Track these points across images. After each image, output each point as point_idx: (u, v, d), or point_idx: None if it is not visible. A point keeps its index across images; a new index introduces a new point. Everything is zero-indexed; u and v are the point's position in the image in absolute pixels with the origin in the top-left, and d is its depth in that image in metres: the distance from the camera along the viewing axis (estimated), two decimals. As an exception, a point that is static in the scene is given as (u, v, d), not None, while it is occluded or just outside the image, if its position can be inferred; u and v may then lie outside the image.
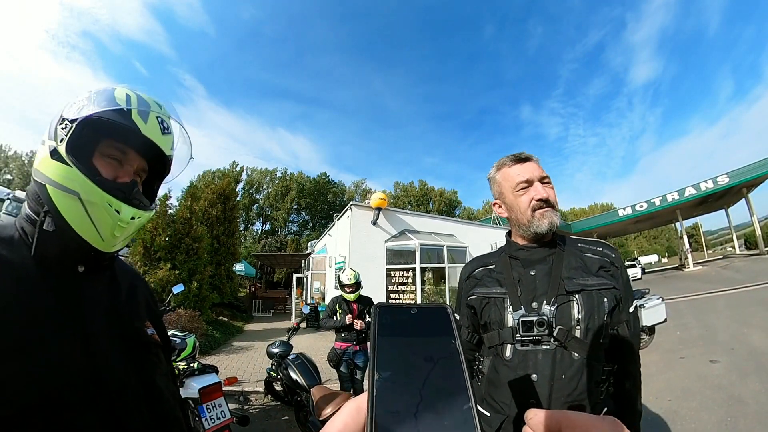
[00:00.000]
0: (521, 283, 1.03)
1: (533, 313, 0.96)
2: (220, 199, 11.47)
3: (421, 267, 9.16)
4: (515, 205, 1.08)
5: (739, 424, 3.00)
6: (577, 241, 1.11)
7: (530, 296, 0.99)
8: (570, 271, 0.99)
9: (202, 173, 36.74)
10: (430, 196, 47.18)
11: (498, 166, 1.15)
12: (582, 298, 0.95)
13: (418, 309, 0.30)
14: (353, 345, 3.74)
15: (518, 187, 1.07)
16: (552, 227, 1.02)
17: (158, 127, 0.70)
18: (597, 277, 0.98)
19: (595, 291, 0.96)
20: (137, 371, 0.67)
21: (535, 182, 1.05)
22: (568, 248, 1.06)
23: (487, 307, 1.05)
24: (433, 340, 0.27)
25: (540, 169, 1.09)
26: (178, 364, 2.97)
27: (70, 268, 0.64)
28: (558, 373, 0.92)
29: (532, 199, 1.04)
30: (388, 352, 0.26)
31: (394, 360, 0.26)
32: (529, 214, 1.04)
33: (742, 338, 5.43)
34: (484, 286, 1.10)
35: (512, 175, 1.09)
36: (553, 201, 1.05)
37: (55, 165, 0.62)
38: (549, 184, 1.08)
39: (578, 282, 0.97)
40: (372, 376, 0.24)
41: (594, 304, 0.95)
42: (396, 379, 0.24)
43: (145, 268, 7.56)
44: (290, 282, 15.45)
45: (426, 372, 0.25)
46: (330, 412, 2.57)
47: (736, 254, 22.15)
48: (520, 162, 1.10)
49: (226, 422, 2.60)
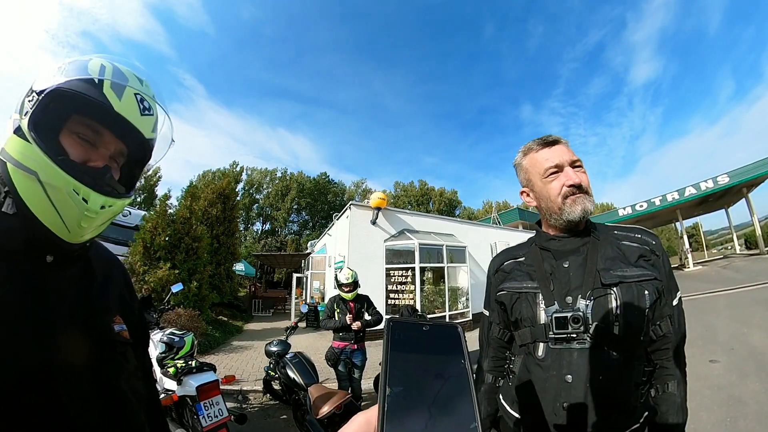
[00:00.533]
0: (554, 277, 0.95)
1: (567, 308, 0.89)
2: (220, 198, 11.48)
3: (420, 267, 9.14)
4: (545, 193, 1.00)
5: (738, 424, 2.98)
6: (613, 229, 1.02)
7: (564, 290, 0.92)
8: (606, 262, 0.91)
9: (202, 173, 36.80)
10: (430, 196, 47.16)
11: (524, 151, 1.06)
12: (620, 290, 0.87)
13: (430, 326, 0.30)
14: (351, 344, 3.74)
15: (547, 173, 0.98)
16: (585, 214, 0.95)
17: (136, 105, 0.61)
18: (637, 268, 0.90)
19: (635, 283, 0.88)
20: (96, 371, 0.60)
21: (565, 167, 0.97)
22: (603, 237, 0.98)
23: (518, 302, 0.99)
24: (443, 358, 0.28)
25: (570, 152, 1.00)
26: (177, 361, 2.96)
27: (35, 257, 0.58)
28: (595, 373, 0.84)
29: (563, 185, 0.96)
30: (400, 367, 0.27)
31: (405, 376, 0.26)
32: (559, 201, 0.96)
33: (742, 338, 5.41)
34: (514, 281, 1.03)
35: (540, 160, 1.01)
36: (586, 186, 0.97)
37: (16, 141, 0.55)
38: (581, 168, 0.99)
39: (616, 273, 0.89)
40: (383, 391, 0.25)
41: (634, 297, 0.87)
42: (406, 395, 0.25)
43: (144, 268, 7.56)
44: (290, 282, 15.45)
45: (436, 390, 0.25)
46: (327, 410, 2.56)
47: (736, 254, 22.13)
48: (548, 146, 1.01)
49: (224, 420, 2.60)
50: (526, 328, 0.96)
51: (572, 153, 1.00)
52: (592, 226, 1.01)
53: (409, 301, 8.85)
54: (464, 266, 10.44)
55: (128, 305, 0.77)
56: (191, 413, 2.64)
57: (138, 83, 0.63)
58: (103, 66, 0.60)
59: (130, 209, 12.81)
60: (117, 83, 0.60)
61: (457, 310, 9.94)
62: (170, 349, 3.14)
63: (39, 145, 0.54)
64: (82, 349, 0.59)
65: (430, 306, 9.54)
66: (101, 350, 0.63)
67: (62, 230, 0.57)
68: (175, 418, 2.86)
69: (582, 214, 0.94)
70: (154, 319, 4.07)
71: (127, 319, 0.72)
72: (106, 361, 0.63)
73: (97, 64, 0.60)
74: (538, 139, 1.04)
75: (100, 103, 0.58)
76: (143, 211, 12.85)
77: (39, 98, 0.56)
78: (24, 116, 0.56)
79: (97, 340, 0.63)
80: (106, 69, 0.60)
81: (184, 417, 2.80)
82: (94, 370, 0.60)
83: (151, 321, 4.03)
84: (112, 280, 0.73)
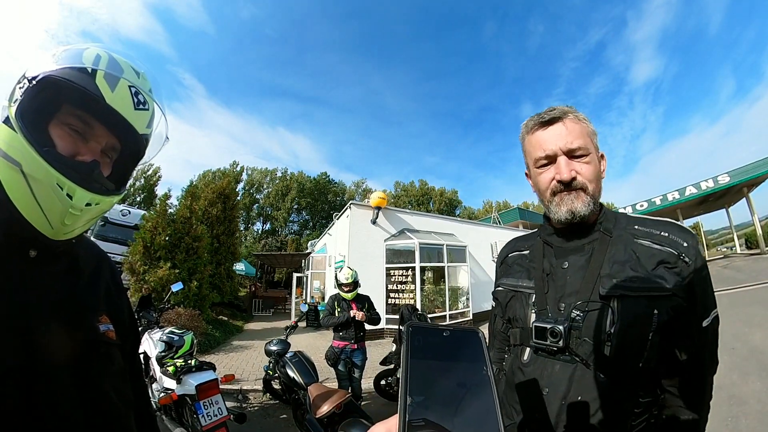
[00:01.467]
0: (551, 278, 0.84)
1: (560, 316, 0.78)
2: (221, 198, 11.48)
3: (420, 266, 9.14)
4: (536, 183, 0.88)
5: (740, 424, 2.98)
6: (635, 222, 0.83)
7: (558, 295, 0.81)
8: (613, 267, 0.76)
9: (203, 173, 36.93)
10: (430, 196, 47.17)
11: (524, 127, 0.91)
12: (620, 305, 0.72)
13: (450, 332, 0.29)
14: (351, 344, 3.73)
15: (538, 163, 0.85)
16: (572, 216, 0.80)
17: (130, 99, 0.58)
18: (651, 277, 0.73)
19: (643, 297, 0.71)
20: (77, 371, 0.57)
21: (559, 157, 0.81)
22: (618, 234, 0.81)
23: (512, 301, 0.91)
24: (465, 365, 0.27)
25: (570, 135, 0.81)
26: (176, 360, 2.96)
27: (18, 251, 0.55)
28: (574, 392, 0.74)
29: (552, 179, 0.82)
30: (420, 375, 0.26)
31: (426, 384, 0.25)
32: (548, 196, 0.84)
33: (743, 337, 5.40)
34: (511, 277, 0.95)
35: (534, 144, 0.86)
36: (584, 181, 0.80)
37: (3, 130, 0.53)
38: (583, 158, 0.81)
39: (619, 283, 0.73)
40: (404, 400, 0.24)
41: (637, 315, 0.71)
42: (428, 405, 0.24)
43: (145, 267, 7.56)
44: (290, 281, 15.46)
45: (458, 399, 0.25)
46: (327, 410, 2.55)
47: (737, 253, 22.10)
48: (543, 126, 0.84)
49: (223, 419, 2.59)
50: (517, 329, 0.88)
51: (575, 136, 0.81)
52: (608, 218, 0.85)
53: (409, 301, 8.85)
54: (464, 266, 10.43)
55: (116, 304, 0.73)
56: (191, 412, 2.64)
57: (134, 75, 0.61)
58: (99, 56, 0.57)
59: (129, 208, 12.83)
60: (111, 74, 0.57)
61: (457, 310, 9.93)
62: (170, 348, 3.14)
63: (24, 135, 0.51)
64: (63, 348, 0.56)
65: (431, 306, 9.53)
66: (84, 350, 0.60)
67: (45, 226, 0.54)
68: (175, 417, 2.86)
69: (567, 216, 0.80)
70: (155, 319, 4.07)
71: (114, 318, 0.69)
72: (88, 361, 0.60)
73: (92, 53, 0.57)
74: (537, 116, 0.87)
75: (90, 93, 0.55)
76: (143, 210, 12.85)
77: (29, 85, 0.54)
78: (13, 104, 0.54)
79: (80, 339, 0.60)
80: (101, 59, 0.57)
81: (183, 416, 2.80)
82: (76, 370, 0.57)
83: (152, 320, 4.04)
84: (100, 277, 0.70)
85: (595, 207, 0.82)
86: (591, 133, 0.86)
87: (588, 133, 0.85)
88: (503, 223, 19.77)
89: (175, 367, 2.80)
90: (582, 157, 0.81)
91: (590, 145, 0.83)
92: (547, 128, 0.84)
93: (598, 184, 0.83)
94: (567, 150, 0.81)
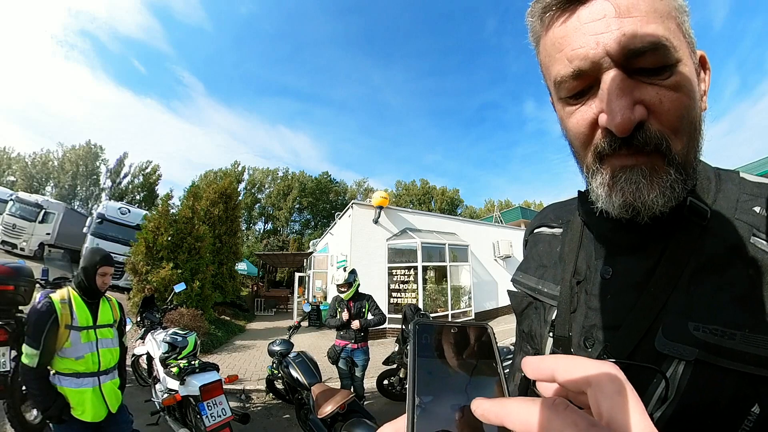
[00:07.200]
0: (584, 288, 0.52)
1: (582, 353, 0.48)
2: (222, 198, 11.51)
3: (422, 265, 9.14)
4: (565, 130, 0.47)
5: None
6: (755, 201, 0.43)
7: (589, 322, 0.49)
8: (696, 293, 0.40)
9: (204, 173, 37.03)
10: (431, 195, 47.14)
11: (534, 16, 0.46)
12: (687, 372, 0.38)
13: (458, 328, 0.28)
14: (351, 343, 3.77)
15: (563, 90, 0.43)
16: (634, 213, 0.41)
17: None
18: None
19: (738, 373, 0.36)
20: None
21: (604, 73, 0.38)
22: (720, 221, 0.43)
23: (528, 309, 0.61)
24: (474, 363, 0.26)
25: (627, 17, 0.37)
26: (180, 361, 2.97)
27: None
28: None
29: (593, 126, 0.41)
30: (428, 374, 0.25)
31: (434, 384, 0.24)
32: (588, 160, 0.43)
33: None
34: (531, 272, 0.62)
35: (552, 49, 0.43)
36: (667, 130, 0.38)
37: None
38: (662, 71, 0.38)
39: (699, 335, 0.38)
40: (412, 401, 0.23)
41: (713, 400, 0.37)
42: (437, 406, 0.23)
43: (147, 268, 7.60)
44: (292, 281, 15.49)
45: (467, 399, 0.24)
46: (330, 410, 2.56)
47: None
48: (569, 7, 0.40)
49: (227, 420, 2.60)
50: (532, 352, 0.60)
51: (638, 17, 0.37)
52: (704, 188, 0.47)
53: (411, 301, 8.85)
54: (466, 265, 10.43)
55: None
56: (194, 413, 2.65)
57: None
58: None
59: (128, 207, 12.84)
60: None
61: (459, 309, 9.93)
62: (173, 349, 3.15)
63: None
64: None
65: (433, 305, 9.54)
66: None
67: None
68: (179, 417, 2.87)
69: (623, 213, 0.42)
70: (158, 319, 4.10)
71: None
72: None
73: None
74: None
75: None
76: (143, 210, 12.88)
77: None
78: None
79: None
80: None
81: (187, 417, 2.81)
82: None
83: (155, 321, 4.06)
84: None
85: (686, 187, 0.41)
86: (676, 11, 0.40)
87: (667, 10, 0.39)
88: (505, 222, 19.72)
89: (179, 368, 2.81)
90: (660, 72, 0.38)
91: (675, 38, 0.38)
92: (579, 10, 0.40)
93: (694, 133, 0.42)
94: (623, 52, 0.37)
